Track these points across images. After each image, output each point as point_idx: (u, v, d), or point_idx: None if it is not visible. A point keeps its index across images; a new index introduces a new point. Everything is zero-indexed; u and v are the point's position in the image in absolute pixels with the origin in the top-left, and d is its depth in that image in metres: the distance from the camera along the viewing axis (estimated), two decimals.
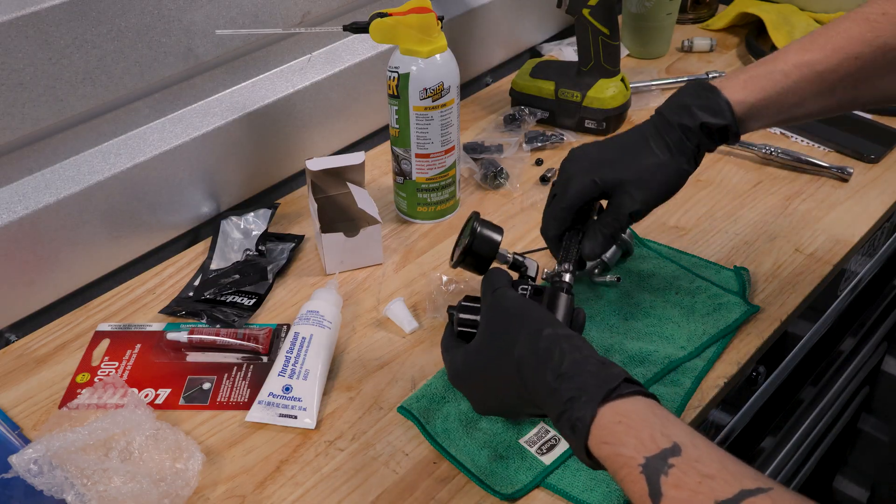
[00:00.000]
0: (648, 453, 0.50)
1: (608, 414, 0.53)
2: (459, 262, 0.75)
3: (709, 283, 0.87)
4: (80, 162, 0.87)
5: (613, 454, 0.52)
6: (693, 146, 0.71)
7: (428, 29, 0.87)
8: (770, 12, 1.33)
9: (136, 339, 0.84)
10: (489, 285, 0.67)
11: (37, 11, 0.77)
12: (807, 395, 1.27)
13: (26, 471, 0.67)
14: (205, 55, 0.93)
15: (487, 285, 0.67)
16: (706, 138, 0.71)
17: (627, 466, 0.50)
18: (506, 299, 0.64)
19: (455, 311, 0.70)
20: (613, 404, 0.53)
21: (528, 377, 0.59)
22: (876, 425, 1.61)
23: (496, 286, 0.66)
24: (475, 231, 0.74)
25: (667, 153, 0.72)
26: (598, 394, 0.54)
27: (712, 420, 0.90)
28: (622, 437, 0.52)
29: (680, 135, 0.71)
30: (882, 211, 0.98)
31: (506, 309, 0.64)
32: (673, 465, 0.49)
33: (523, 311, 0.63)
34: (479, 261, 0.74)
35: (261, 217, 0.98)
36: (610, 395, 0.54)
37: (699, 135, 0.71)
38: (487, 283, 0.68)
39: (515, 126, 1.15)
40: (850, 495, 1.68)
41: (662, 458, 0.49)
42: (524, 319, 0.62)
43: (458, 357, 0.67)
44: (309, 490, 0.70)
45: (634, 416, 0.53)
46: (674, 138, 0.71)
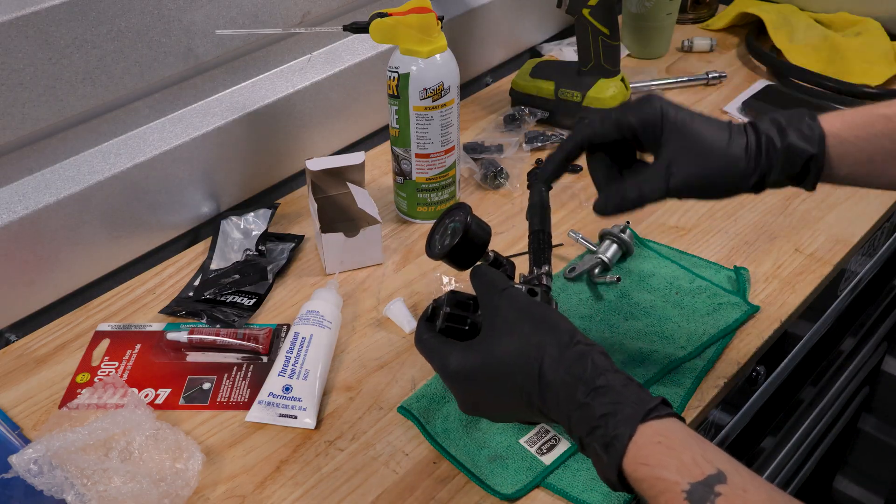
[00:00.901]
0: (693, 479, 0.48)
1: (647, 433, 0.51)
2: (445, 252, 0.68)
3: (709, 283, 0.87)
4: (80, 162, 0.87)
5: (652, 476, 0.49)
6: (766, 164, 0.63)
7: (428, 29, 0.87)
8: (770, 12, 1.33)
9: (136, 339, 0.84)
10: (491, 284, 0.63)
11: (37, 11, 0.77)
12: (807, 395, 1.27)
13: (26, 471, 0.67)
14: (205, 55, 0.93)
15: (488, 283, 0.63)
16: (787, 163, 0.62)
17: (670, 492, 0.48)
18: (523, 301, 0.60)
19: (443, 306, 0.66)
20: (651, 423, 0.51)
21: (553, 388, 0.55)
22: (876, 425, 1.61)
23: (502, 286, 0.62)
24: (468, 223, 0.67)
25: (742, 153, 0.63)
26: (637, 411, 0.51)
27: (712, 420, 0.90)
28: (662, 458, 0.49)
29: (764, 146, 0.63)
30: (882, 211, 0.98)
31: (527, 312, 0.59)
32: (720, 494, 0.47)
33: (547, 316, 0.59)
34: (467, 254, 0.68)
35: (261, 217, 0.98)
36: (649, 414, 0.51)
37: (780, 157, 0.62)
38: (487, 281, 0.63)
39: (515, 126, 1.15)
40: (850, 495, 1.68)
41: (708, 486, 0.47)
42: (551, 326, 0.58)
43: (456, 355, 0.62)
44: (309, 490, 0.70)
45: (674, 438, 0.50)
46: (753, 146, 0.63)
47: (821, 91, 1.21)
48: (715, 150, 0.63)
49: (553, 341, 0.57)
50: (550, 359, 0.56)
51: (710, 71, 1.26)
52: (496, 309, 0.61)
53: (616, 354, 0.79)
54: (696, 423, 0.76)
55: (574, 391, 0.54)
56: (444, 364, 0.63)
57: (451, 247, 0.67)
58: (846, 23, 1.33)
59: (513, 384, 0.58)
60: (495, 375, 0.59)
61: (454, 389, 0.64)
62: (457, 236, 0.67)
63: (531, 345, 0.57)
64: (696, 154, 0.63)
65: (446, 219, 0.71)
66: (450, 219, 0.70)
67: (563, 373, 0.55)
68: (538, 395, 0.57)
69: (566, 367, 0.55)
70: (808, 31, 1.30)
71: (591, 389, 0.53)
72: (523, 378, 0.57)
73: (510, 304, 0.60)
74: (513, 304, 0.60)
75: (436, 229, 0.71)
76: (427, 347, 0.65)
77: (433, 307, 0.67)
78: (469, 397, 0.63)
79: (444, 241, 0.69)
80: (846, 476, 1.69)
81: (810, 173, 0.62)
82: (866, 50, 1.24)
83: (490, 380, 0.60)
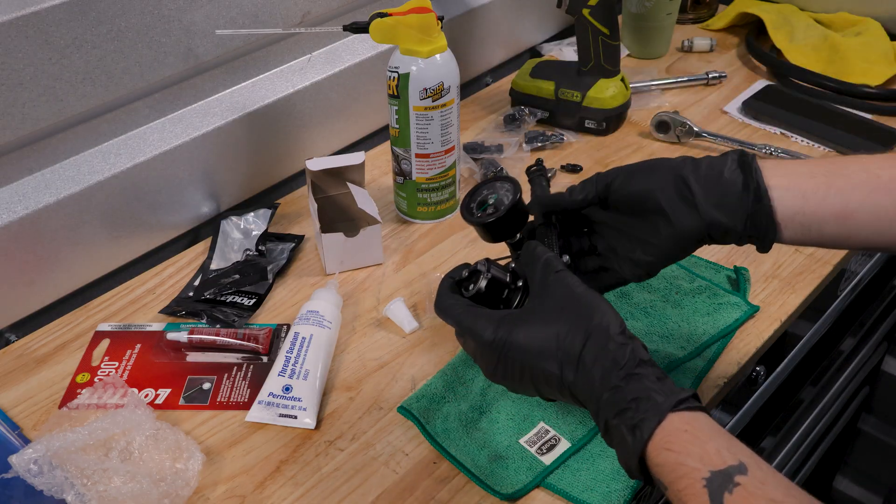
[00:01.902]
0: (714, 467, 0.48)
1: (675, 421, 0.51)
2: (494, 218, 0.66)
3: (709, 283, 0.87)
4: (80, 162, 0.87)
5: (675, 462, 0.50)
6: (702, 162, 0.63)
7: (428, 29, 0.87)
8: (770, 12, 1.33)
9: (136, 339, 0.84)
10: (547, 263, 0.61)
11: (37, 11, 0.77)
12: (807, 395, 1.27)
13: (26, 471, 0.67)
14: (205, 55, 0.93)
15: (544, 262, 0.61)
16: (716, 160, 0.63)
17: (689, 478, 0.49)
18: (577, 287, 0.60)
19: (484, 272, 0.64)
20: (681, 413, 0.52)
21: (590, 372, 0.56)
22: (876, 425, 1.61)
23: (558, 267, 0.61)
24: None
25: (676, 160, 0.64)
26: (668, 400, 0.52)
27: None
28: (687, 445, 0.50)
29: None
30: None
31: (581, 297, 0.59)
32: (739, 484, 0.47)
33: (598, 305, 0.58)
34: (509, 227, 0.67)
35: (261, 217, 0.98)
36: (679, 404, 0.52)
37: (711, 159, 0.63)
38: (544, 259, 0.62)
39: (515, 126, 1.15)
40: (850, 495, 1.68)
41: (728, 475, 0.48)
42: (602, 314, 0.58)
43: (494, 326, 0.60)
44: (309, 490, 0.70)
45: (701, 429, 0.51)
46: None
47: (821, 91, 1.21)
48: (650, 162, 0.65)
49: (601, 330, 0.57)
50: (594, 345, 0.56)
51: (710, 71, 1.26)
52: (548, 288, 0.60)
53: None
54: None
55: (610, 375, 0.55)
56: (479, 333, 0.61)
57: (499, 215, 0.66)
58: (846, 23, 1.33)
59: (550, 365, 0.58)
60: (534, 353, 0.59)
61: (483, 358, 0.62)
62: (503, 206, 0.66)
63: (579, 329, 0.57)
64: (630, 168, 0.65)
65: (484, 189, 0.70)
66: (489, 189, 0.69)
67: (604, 359, 0.56)
68: (572, 376, 0.57)
69: (608, 354, 0.56)
70: (808, 31, 1.30)
71: (627, 375, 0.54)
72: (563, 358, 0.57)
73: (564, 287, 0.60)
74: (567, 287, 0.60)
75: (472, 197, 0.70)
76: (456, 313, 0.63)
77: (471, 271, 0.65)
78: (498, 367, 0.61)
79: (487, 210, 0.68)
80: (846, 476, 1.69)
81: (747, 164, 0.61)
82: (866, 50, 1.24)
83: (527, 355, 0.59)
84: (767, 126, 1.15)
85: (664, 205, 0.62)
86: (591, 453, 0.71)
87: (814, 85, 1.22)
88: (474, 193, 0.70)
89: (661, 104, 1.21)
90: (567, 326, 0.58)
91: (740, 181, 0.60)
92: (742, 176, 0.60)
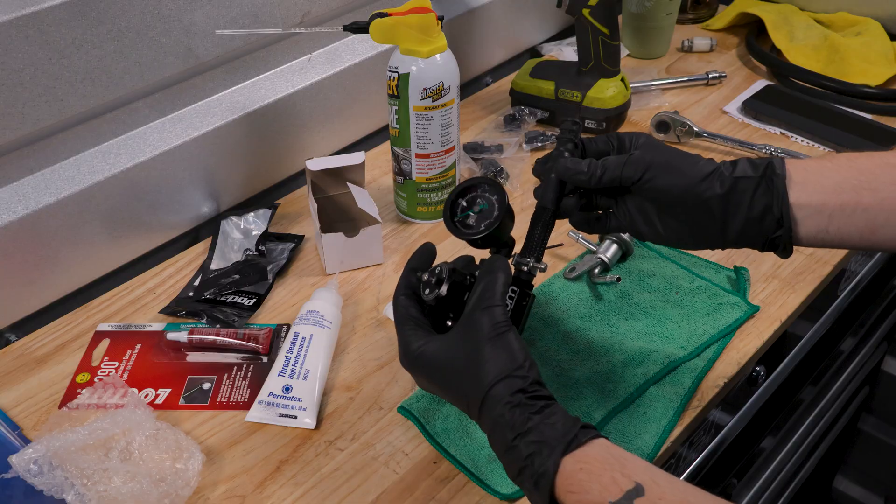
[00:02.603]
0: (613, 497, 0.51)
1: (570, 463, 0.53)
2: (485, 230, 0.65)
3: (709, 283, 0.87)
4: (80, 162, 0.87)
5: (579, 502, 0.52)
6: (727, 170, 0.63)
7: (428, 29, 0.87)
8: (770, 12, 1.33)
9: (136, 339, 0.84)
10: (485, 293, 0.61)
11: (37, 11, 0.77)
12: (807, 395, 1.27)
13: (26, 471, 0.67)
14: (205, 55, 0.93)
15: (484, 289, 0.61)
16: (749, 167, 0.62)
17: None
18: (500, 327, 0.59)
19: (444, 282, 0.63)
20: (574, 453, 0.54)
21: (489, 422, 0.58)
22: (876, 425, 1.61)
23: (489, 302, 0.60)
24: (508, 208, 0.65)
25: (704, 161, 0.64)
26: (559, 446, 0.54)
27: (712, 420, 0.90)
28: (585, 484, 0.52)
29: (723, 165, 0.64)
30: None
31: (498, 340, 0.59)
32: None
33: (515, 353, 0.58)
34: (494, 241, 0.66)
35: (261, 217, 0.98)
36: (570, 445, 0.54)
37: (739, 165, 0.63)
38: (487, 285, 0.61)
39: (515, 126, 1.15)
40: (850, 495, 1.68)
41: (628, 500, 0.50)
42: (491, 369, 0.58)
43: (420, 341, 0.62)
44: (309, 490, 0.70)
45: (594, 462, 0.53)
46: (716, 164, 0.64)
47: (821, 91, 1.21)
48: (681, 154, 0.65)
49: (493, 398, 0.57)
50: (487, 410, 0.58)
51: (710, 71, 1.26)
52: (475, 321, 0.60)
53: (616, 354, 0.79)
54: (697, 424, 0.76)
55: (504, 435, 0.56)
56: (406, 344, 0.63)
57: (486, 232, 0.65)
58: (846, 23, 1.33)
59: (459, 393, 0.60)
60: (447, 377, 0.61)
61: (408, 370, 0.64)
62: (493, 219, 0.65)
63: (476, 386, 0.58)
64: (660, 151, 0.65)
65: (470, 192, 0.68)
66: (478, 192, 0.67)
67: (497, 423, 0.57)
68: (477, 417, 0.59)
69: (500, 420, 0.57)
70: (808, 31, 1.30)
71: (518, 434, 0.56)
72: (464, 405, 0.60)
73: (479, 331, 0.59)
74: (488, 327, 0.59)
75: (459, 198, 0.68)
76: (399, 316, 0.64)
77: (432, 278, 0.64)
78: (420, 381, 0.64)
79: (479, 220, 0.66)
80: (846, 476, 1.69)
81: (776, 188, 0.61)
82: (866, 50, 1.24)
83: (441, 377, 0.61)
84: (767, 126, 1.15)
85: (689, 217, 0.63)
86: None
87: (814, 85, 1.22)
88: (463, 194, 0.68)
89: (661, 104, 1.21)
90: (467, 379, 0.59)
91: (766, 209, 0.61)
92: (768, 201, 0.61)
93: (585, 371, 0.78)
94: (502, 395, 0.57)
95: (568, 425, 0.55)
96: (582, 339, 0.82)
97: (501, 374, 0.57)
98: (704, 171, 0.63)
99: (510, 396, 0.57)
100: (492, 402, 0.57)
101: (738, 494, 1.17)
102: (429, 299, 0.64)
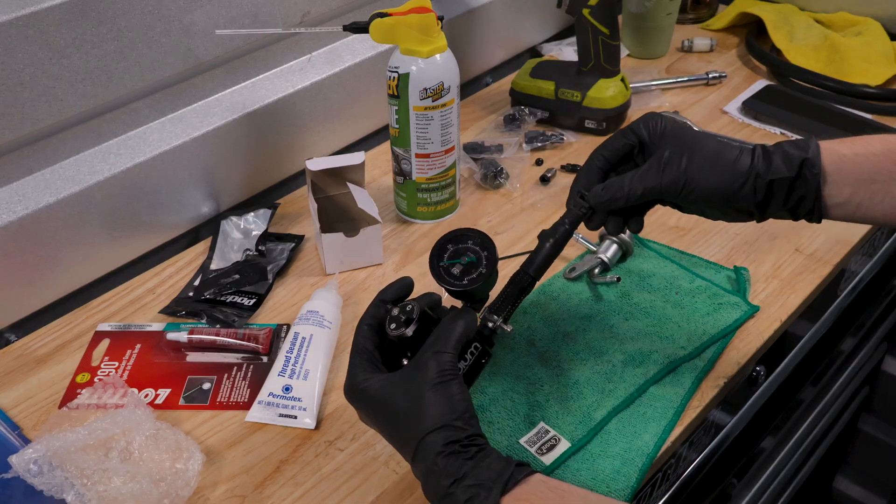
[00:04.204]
0: None
1: (508, 502, 0.54)
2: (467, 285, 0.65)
3: (709, 283, 0.87)
4: (80, 162, 0.87)
5: None
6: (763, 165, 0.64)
7: (428, 29, 0.87)
8: (770, 12, 1.33)
9: (136, 339, 0.84)
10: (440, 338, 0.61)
11: (37, 11, 0.77)
12: (807, 395, 1.27)
13: (26, 471, 0.67)
14: (205, 55, 0.93)
15: (440, 335, 0.61)
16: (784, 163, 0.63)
17: None
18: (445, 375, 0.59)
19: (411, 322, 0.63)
20: (512, 492, 0.55)
21: (422, 468, 0.58)
22: (876, 425, 1.61)
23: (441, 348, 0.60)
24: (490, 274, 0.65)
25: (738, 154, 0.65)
26: (496, 487, 0.54)
27: (712, 420, 0.90)
28: None
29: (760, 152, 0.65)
30: None
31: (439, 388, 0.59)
32: None
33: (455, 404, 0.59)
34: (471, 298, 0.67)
35: (261, 217, 0.98)
36: (507, 484, 0.55)
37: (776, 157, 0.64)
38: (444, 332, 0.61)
39: (515, 126, 1.15)
40: (850, 495, 1.68)
41: None
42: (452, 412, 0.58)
43: (366, 376, 0.62)
44: (309, 490, 0.70)
45: (533, 497, 0.54)
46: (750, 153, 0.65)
47: (821, 91, 1.21)
48: (714, 151, 0.65)
49: (442, 430, 0.58)
50: (421, 459, 0.58)
51: (710, 71, 1.26)
52: (423, 364, 0.60)
53: (616, 354, 0.79)
54: (697, 424, 0.76)
55: (440, 480, 0.57)
56: (353, 376, 0.63)
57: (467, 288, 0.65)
58: (846, 23, 1.33)
59: (395, 434, 0.61)
60: (385, 417, 0.61)
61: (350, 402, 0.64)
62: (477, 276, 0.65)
63: (425, 418, 0.58)
64: (692, 151, 0.65)
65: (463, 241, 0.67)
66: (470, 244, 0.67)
67: (432, 462, 0.57)
68: (411, 461, 0.59)
69: (434, 469, 0.57)
70: (808, 31, 1.30)
71: (454, 481, 0.56)
72: (407, 438, 0.59)
73: (435, 370, 0.60)
74: (434, 372, 0.59)
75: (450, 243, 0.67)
76: (355, 347, 0.64)
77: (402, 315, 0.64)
78: (361, 415, 0.64)
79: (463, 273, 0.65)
80: (846, 476, 1.69)
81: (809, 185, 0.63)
82: (866, 50, 1.24)
83: (380, 416, 0.61)
84: (767, 126, 1.15)
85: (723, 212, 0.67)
86: (591, 453, 0.71)
87: (814, 85, 1.22)
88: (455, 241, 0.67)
89: (661, 104, 1.21)
90: (404, 422, 0.59)
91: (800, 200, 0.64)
92: (802, 194, 0.64)
93: (585, 371, 0.78)
94: (436, 443, 0.57)
95: (502, 465, 0.56)
96: (582, 339, 0.82)
97: (438, 422, 0.58)
98: (741, 170, 0.64)
99: (444, 446, 0.57)
100: (425, 449, 0.57)
101: (738, 494, 1.17)
102: (392, 335, 0.63)
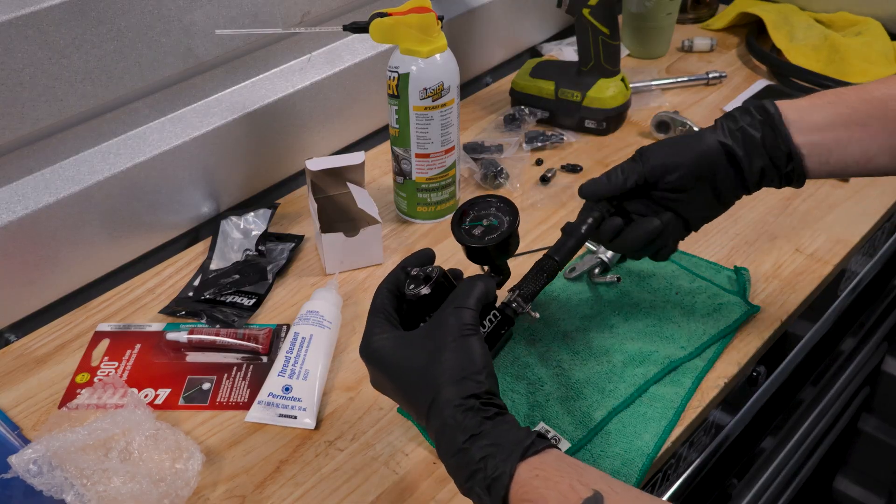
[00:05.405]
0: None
1: (526, 469, 0.52)
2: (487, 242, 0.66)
3: (709, 283, 0.87)
4: (80, 162, 0.87)
5: None
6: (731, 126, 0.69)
7: (428, 29, 0.87)
8: (770, 12, 1.33)
9: (135, 339, 0.84)
10: (458, 295, 0.61)
11: (37, 11, 0.77)
12: (807, 395, 1.27)
13: (26, 471, 0.67)
14: (205, 55, 0.93)
15: (458, 294, 0.61)
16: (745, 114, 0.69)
17: None
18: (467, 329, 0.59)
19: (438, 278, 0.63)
20: (529, 460, 0.53)
21: (437, 424, 0.56)
22: (876, 425, 1.61)
23: (461, 303, 0.60)
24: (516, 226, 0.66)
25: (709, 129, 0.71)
26: (515, 451, 0.53)
27: (712, 420, 0.90)
28: (542, 491, 0.51)
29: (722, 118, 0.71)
30: (882, 211, 0.98)
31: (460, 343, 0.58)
32: None
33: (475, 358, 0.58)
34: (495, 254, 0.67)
35: (261, 217, 0.98)
36: (526, 451, 0.53)
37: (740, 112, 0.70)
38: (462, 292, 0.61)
39: (515, 126, 1.15)
40: (851, 495, 1.68)
41: None
42: (472, 367, 0.57)
43: (382, 336, 0.61)
44: (309, 490, 0.70)
45: (551, 469, 0.52)
46: None
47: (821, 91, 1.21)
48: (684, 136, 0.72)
49: (461, 382, 0.56)
50: (436, 412, 0.56)
51: (710, 71, 1.26)
52: (443, 319, 0.60)
53: (616, 354, 0.79)
54: (697, 424, 0.76)
55: (454, 438, 0.55)
56: (369, 333, 0.62)
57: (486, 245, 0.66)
58: (846, 23, 1.33)
59: (409, 393, 0.59)
60: (400, 374, 0.60)
61: (364, 361, 0.63)
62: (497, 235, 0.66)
63: (443, 371, 0.57)
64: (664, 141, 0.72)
65: (487, 205, 0.69)
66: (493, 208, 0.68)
67: (450, 416, 0.56)
68: (425, 419, 0.58)
69: (448, 421, 0.56)
70: (808, 31, 1.30)
71: (471, 436, 0.55)
72: (422, 394, 0.58)
73: (455, 325, 0.59)
74: (455, 326, 0.59)
75: (474, 206, 0.69)
76: (374, 306, 0.64)
77: (420, 273, 0.64)
78: (374, 376, 0.63)
79: (484, 233, 0.67)
80: (846, 476, 1.69)
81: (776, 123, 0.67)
82: (866, 50, 1.24)
83: (395, 374, 0.60)
84: None
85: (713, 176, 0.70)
86: (592, 453, 0.71)
87: (814, 85, 1.22)
88: (479, 205, 0.69)
89: (661, 104, 1.21)
90: (420, 378, 0.58)
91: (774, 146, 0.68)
92: (773, 140, 0.68)
93: (585, 371, 0.78)
94: (453, 396, 0.56)
95: (523, 433, 0.55)
96: (582, 339, 0.82)
97: (456, 375, 0.56)
98: (711, 132, 0.70)
99: (462, 399, 0.55)
100: (442, 402, 0.56)
101: (738, 494, 1.17)
102: (410, 294, 0.63)
